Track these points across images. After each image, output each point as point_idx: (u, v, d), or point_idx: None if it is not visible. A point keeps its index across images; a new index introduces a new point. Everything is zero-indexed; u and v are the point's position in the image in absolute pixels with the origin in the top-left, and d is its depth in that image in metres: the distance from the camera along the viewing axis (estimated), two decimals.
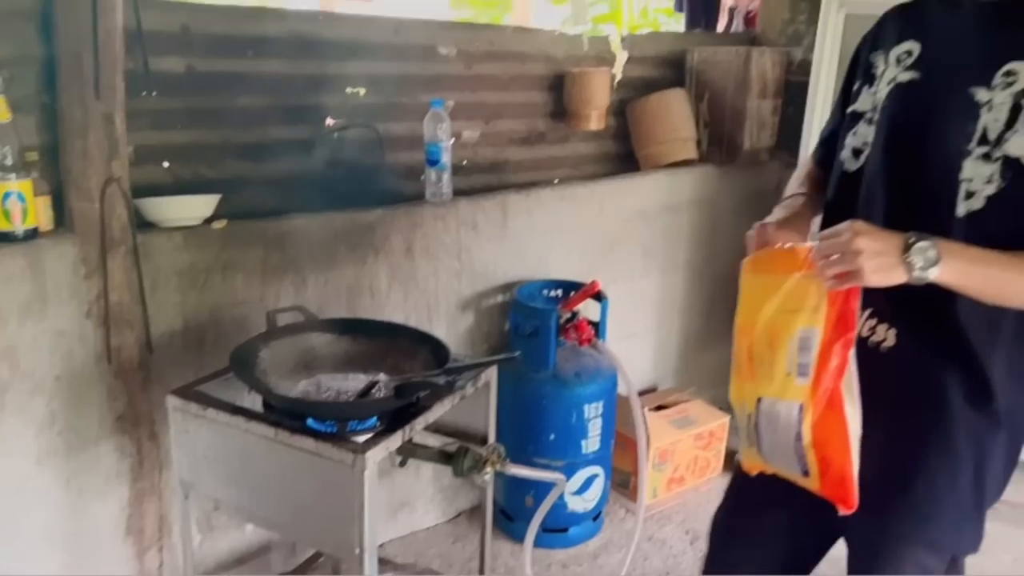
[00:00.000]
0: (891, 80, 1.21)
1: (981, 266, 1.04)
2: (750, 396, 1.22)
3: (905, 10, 1.28)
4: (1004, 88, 1.07)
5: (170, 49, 1.87)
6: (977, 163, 1.08)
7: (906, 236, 1.02)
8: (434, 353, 1.64)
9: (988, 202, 1.07)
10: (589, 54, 2.69)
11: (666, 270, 2.87)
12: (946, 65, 1.15)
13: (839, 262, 1.03)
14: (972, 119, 1.09)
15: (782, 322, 1.16)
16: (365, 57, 2.20)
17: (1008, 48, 1.08)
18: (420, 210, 2.19)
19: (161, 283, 1.81)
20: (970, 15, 1.15)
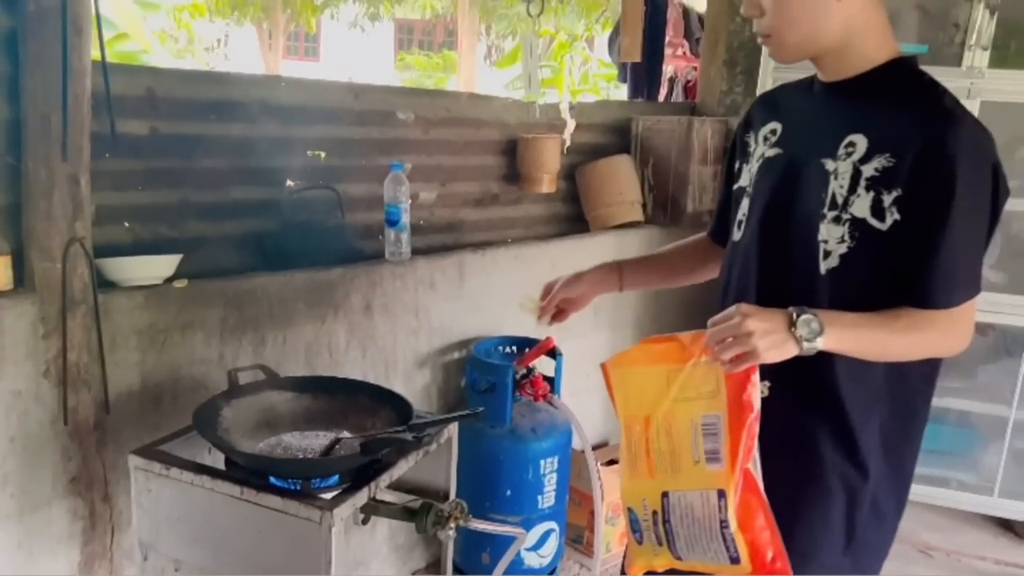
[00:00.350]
0: (760, 156, 1.36)
1: (858, 330, 1.15)
2: (652, 493, 1.22)
3: (770, 96, 1.47)
4: (846, 158, 1.21)
5: (135, 112, 1.90)
6: (830, 225, 1.21)
7: (788, 312, 1.11)
8: (397, 410, 1.67)
9: (842, 260, 1.20)
10: (540, 121, 2.81)
11: (615, 327, 2.96)
12: (802, 141, 1.31)
13: (734, 345, 1.10)
14: (824, 186, 1.23)
15: (680, 412, 1.18)
16: (326, 121, 2.26)
17: (847, 122, 1.23)
18: (379, 269, 2.24)
19: (120, 342, 1.81)
20: (818, 96, 1.31)
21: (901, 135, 1.17)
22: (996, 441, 2.83)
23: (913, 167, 1.15)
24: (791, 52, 1.26)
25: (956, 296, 1.18)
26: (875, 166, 1.18)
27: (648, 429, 1.22)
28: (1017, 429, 2.80)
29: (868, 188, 1.18)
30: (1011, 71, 2.61)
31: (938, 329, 1.19)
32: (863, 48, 1.23)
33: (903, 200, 1.15)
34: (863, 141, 1.20)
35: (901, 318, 1.17)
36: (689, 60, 4.13)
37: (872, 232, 1.18)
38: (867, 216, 1.18)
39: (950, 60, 2.64)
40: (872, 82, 1.23)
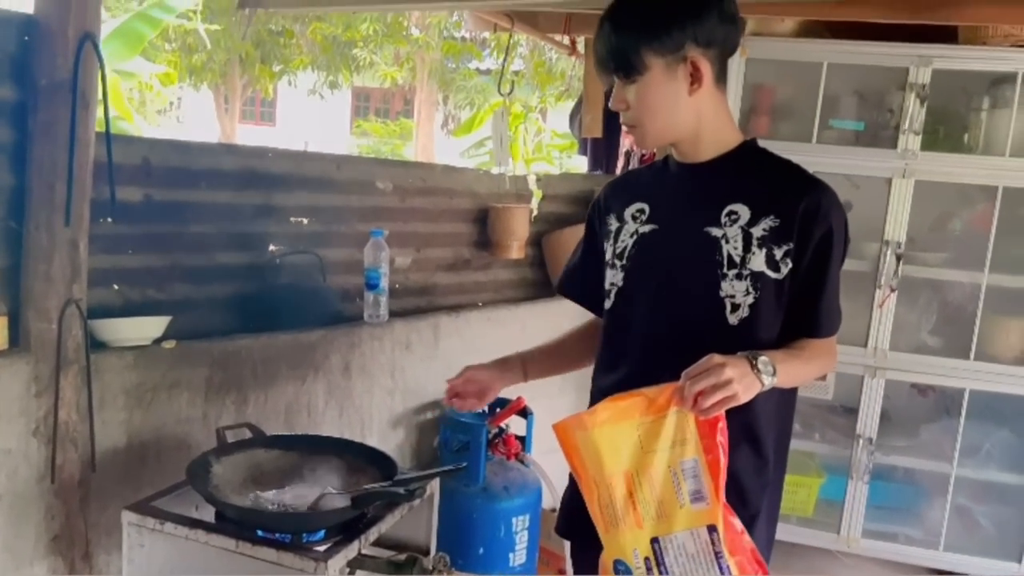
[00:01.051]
0: (633, 233, 1.51)
1: (789, 363, 1.33)
2: (642, 542, 1.30)
3: (621, 182, 1.69)
4: (731, 224, 1.40)
5: (130, 180, 1.98)
6: (733, 282, 1.39)
7: (747, 356, 1.27)
8: (381, 467, 1.74)
9: (752, 309, 1.38)
10: (510, 191, 2.96)
11: (580, 389, 3.04)
12: (676, 215, 1.48)
13: (717, 392, 1.22)
14: (716, 250, 1.40)
15: (658, 462, 1.28)
16: (309, 189, 2.37)
17: (723, 195, 1.42)
18: (358, 331, 2.33)
19: (109, 401, 1.85)
20: (679, 176, 1.50)
21: (781, 199, 1.39)
22: (940, 496, 2.98)
23: (800, 224, 1.37)
24: (653, 139, 1.45)
25: (837, 325, 1.45)
26: (763, 227, 1.38)
27: (630, 484, 1.29)
28: (959, 485, 2.96)
29: (760, 246, 1.38)
30: (940, 154, 2.86)
31: (827, 353, 1.45)
32: (716, 135, 1.44)
33: (795, 251, 1.37)
34: (744, 208, 1.40)
35: (805, 348, 1.40)
36: None
37: (771, 281, 1.38)
38: (764, 269, 1.38)
39: (886, 143, 2.87)
40: (732, 161, 1.44)
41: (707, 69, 1.38)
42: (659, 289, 1.47)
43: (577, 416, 1.36)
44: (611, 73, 1.43)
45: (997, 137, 2.80)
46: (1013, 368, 2.89)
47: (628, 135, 4.30)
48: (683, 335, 1.41)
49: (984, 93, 2.83)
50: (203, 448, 1.81)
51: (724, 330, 1.39)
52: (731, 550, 1.27)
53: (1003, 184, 2.80)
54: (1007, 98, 2.74)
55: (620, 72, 1.41)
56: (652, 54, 1.37)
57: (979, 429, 2.95)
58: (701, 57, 1.37)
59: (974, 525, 3.01)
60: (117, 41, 3.79)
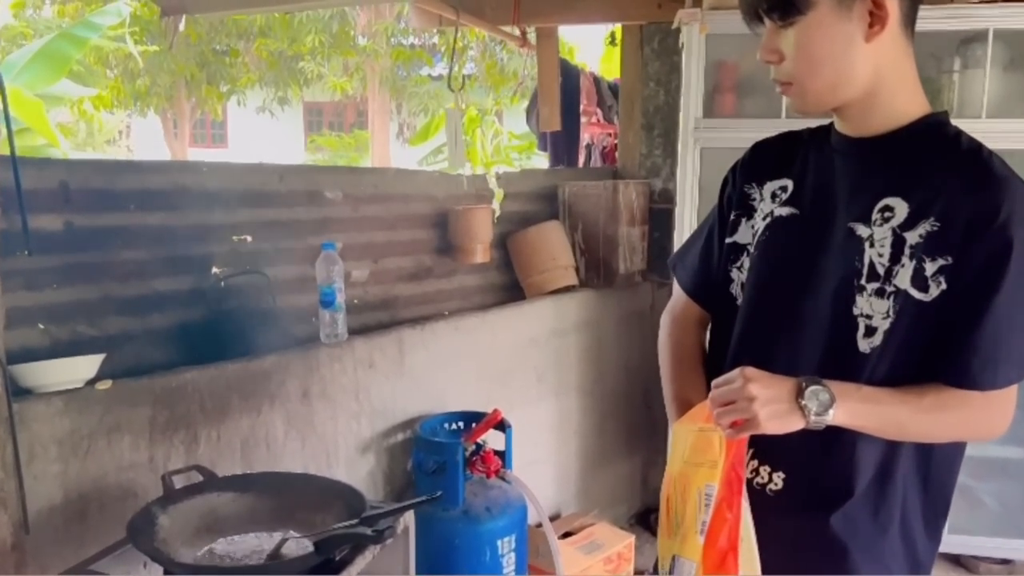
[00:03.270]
0: (768, 215, 1.23)
1: (875, 405, 1.05)
2: (666, 553, 1.18)
3: (772, 146, 1.31)
4: (883, 223, 1.10)
5: (47, 207, 1.80)
6: (873, 299, 1.10)
7: (798, 380, 1.03)
8: (348, 503, 1.57)
9: (885, 337, 1.09)
10: (469, 192, 2.81)
11: (559, 393, 2.92)
12: (822, 202, 1.18)
13: (734, 410, 1.03)
14: (858, 255, 1.11)
15: (690, 476, 1.14)
16: (251, 204, 2.20)
17: (881, 185, 1.13)
18: (315, 353, 2.16)
19: (39, 453, 1.67)
20: (840, 153, 1.19)
21: (948, 200, 1.08)
22: None
23: (964, 234, 1.05)
24: (815, 100, 1.14)
25: (999, 376, 1.08)
26: (919, 232, 1.08)
27: (670, 487, 1.18)
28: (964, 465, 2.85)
29: (912, 256, 1.08)
30: None
31: (971, 409, 1.09)
32: (893, 101, 1.12)
33: (952, 269, 1.06)
34: (903, 205, 1.10)
35: (927, 395, 1.07)
36: (603, 127, 4.24)
37: (913, 304, 1.08)
38: (908, 287, 1.08)
39: None
40: (906, 140, 1.13)
41: (893, 6, 1.08)
42: (780, 293, 1.19)
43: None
44: (760, 15, 1.13)
45: (971, 98, 2.69)
46: None
47: (589, 127, 4.21)
48: (801, 358, 1.12)
49: (954, 54, 2.73)
50: (152, 496, 1.64)
51: (851, 357, 1.10)
52: None
53: None
54: (978, 57, 2.65)
55: (775, 11, 1.10)
56: None
57: None
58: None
59: (978, 504, 2.91)
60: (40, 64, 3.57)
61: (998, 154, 1.12)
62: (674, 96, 3.09)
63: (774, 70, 1.16)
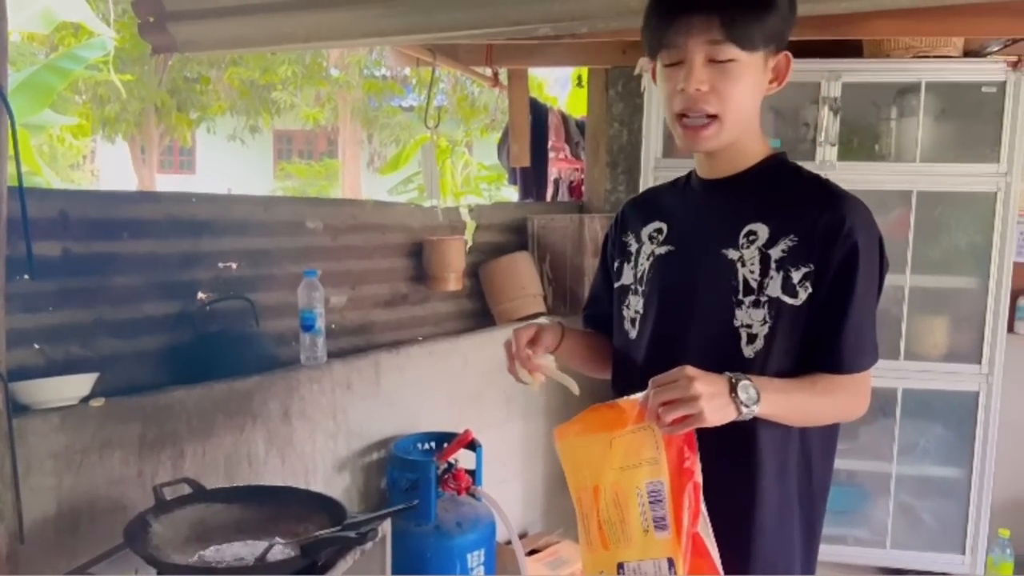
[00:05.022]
0: (650, 255, 1.41)
1: (785, 394, 1.20)
2: (608, 565, 1.21)
3: (642, 199, 1.55)
4: (749, 246, 1.28)
5: (47, 234, 1.90)
6: (750, 310, 1.26)
7: (728, 377, 1.14)
8: (330, 513, 1.68)
9: (766, 340, 1.26)
10: (443, 223, 2.95)
11: (527, 416, 3.06)
12: (694, 236, 1.36)
13: (680, 407, 1.10)
14: (732, 274, 1.28)
15: (625, 480, 1.17)
16: (236, 233, 2.31)
17: (743, 214, 1.30)
18: (296, 374, 2.27)
19: (35, 467, 1.75)
20: (701, 194, 1.39)
21: (802, 218, 1.26)
22: (883, 496, 3.05)
23: (821, 244, 1.23)
24: (727, 136, 1.27)
25: (864, 361, 1.27)
26: (781, 248, 1.25)
27: (598, 500, 1.21)
28: (900, 483, 3.04)
29: (778, 269, 1.26)
30: (856, 163, 2.98)
31: (847, 393, 1.27)
32: (751, 142, 1.32)
33: (814, 274, 1.24)
34: (764, 228, 1.27)
35: (818, 383, 1.24)
36: (571, 162, 4.40)
37: (787, 309, 1.25)
38: (780, 295, 1.25)
39: (805, 155, 2.96)
40: (758, 176, 1.32)
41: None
42: (673, 318, 1.35)
43: (564, 424, 1.32)
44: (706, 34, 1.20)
45: (907, 144, 2.92)
46: (940, 364, 2.99)
47: (557, 162, 4.38)
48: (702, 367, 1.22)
49: (892, 103, 2.96)
50: (140, 509, 1.73)
51: (739, 364, 1.25)
52: None
53: (917, 188, 2.92)
54: (913, 106, 2.88)
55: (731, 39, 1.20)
56: (765, 35, 1.23)
57: (914, 426, 3.03)
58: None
59: (917, 521, 3.08)
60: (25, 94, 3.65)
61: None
62: (637, 135, 3.28)
63: (693, 100, 1.23)
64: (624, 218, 1.52)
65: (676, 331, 1.35)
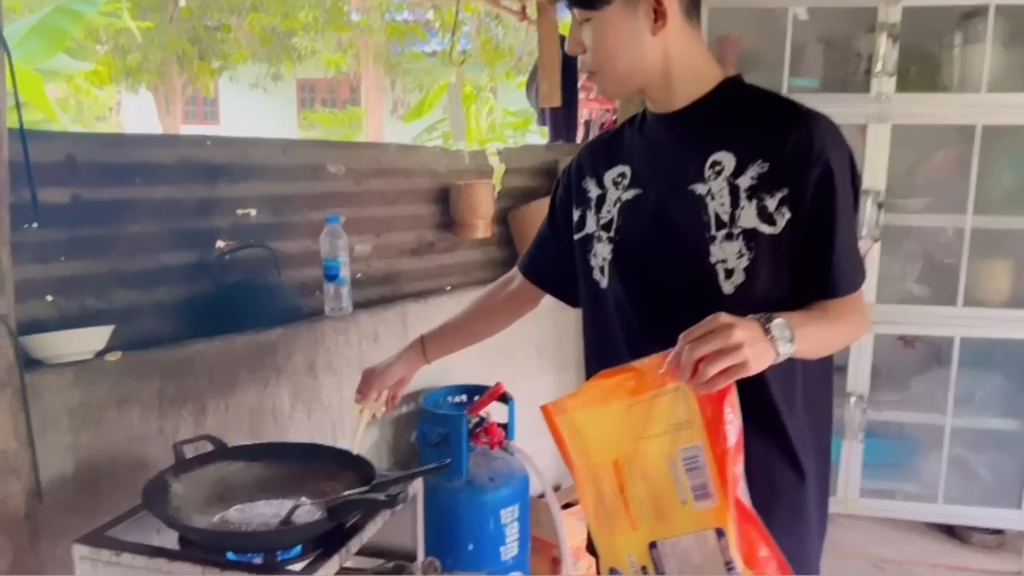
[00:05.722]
0: (616, 200, 1.35)
1: (811, 327, 1.13)
2: (638, 547, 1.11)
3: (599, 144, 1.48)
4: (716, 177, 1.23)
5: (54, 180, 1.81)
6: (724, 244, 1.21)
7: (758, 319, 1.06)
8: (357, 471, 1.59)
9: (747, 273, 1.21)
10: (470, 168, 2.81)
11: (559, 369, 2.95)
12: (659, 175, 1.30)
13: (723, 358, 1.00)
14: (702, 210, 1.23)
15: (653, 450, 1.07)
16: (255, 178, 2.20)
17: (704, 145, 1.25)
18: (321, 326, 2.17)
19: (51, 424, 1.69)
20: (657, 130, 1.33)
21: (769, 141, 1.21)
22: (936, 449, 2.91)
23: (793, 165, 1.18)
24: (615, 87, 1.30)
25: (859, 278, 1.25)
26: (751, 175, 1.20)
27: (620, 476, 1.10)
28: (954, 435, 2.89)
29: (750, 198, 1.20)
30: (916, 95, 2.75)
31: (855, 314, 1.24)
32: (690, 76, 1.27)
33: (791, 198, 1.19)
34: (729, 157, 1.22)
35: (828, 309, 1.19)
36: (602, 103, 4.23)
37: (765, 238, 1.20)
38: (756, 224, 1.20)
39: (857, 87, 2.77)
40: (712, 104, 1.27)
41: (673, 4, 1.22)
42: (648, 262, 1.30)
43: (561, 398, 1.20)
44: (569, 7, 1.28)
45: (972, 74, 2.70)
46: (1002, 311, 2.79)
47: (588, 103, 4.20)
48: (677, 312, 1.16)
49: (955, 29, 2.73)
50: (161, 466, 1.66)
51: (718, 301, 1.19)
52: (747, 561, 1.04)
53: (981, 122, 2.69)
54: (979, 32, 2.64)
55: (575, 5, 1.26)
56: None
57: (971, 377, 2.86)
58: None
59: (972, 475, 2.95)
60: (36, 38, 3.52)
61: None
62: None
63: (580, 60, 1.30)
64: (581, 164, 1.46)
65: (650, 275, 1.31)
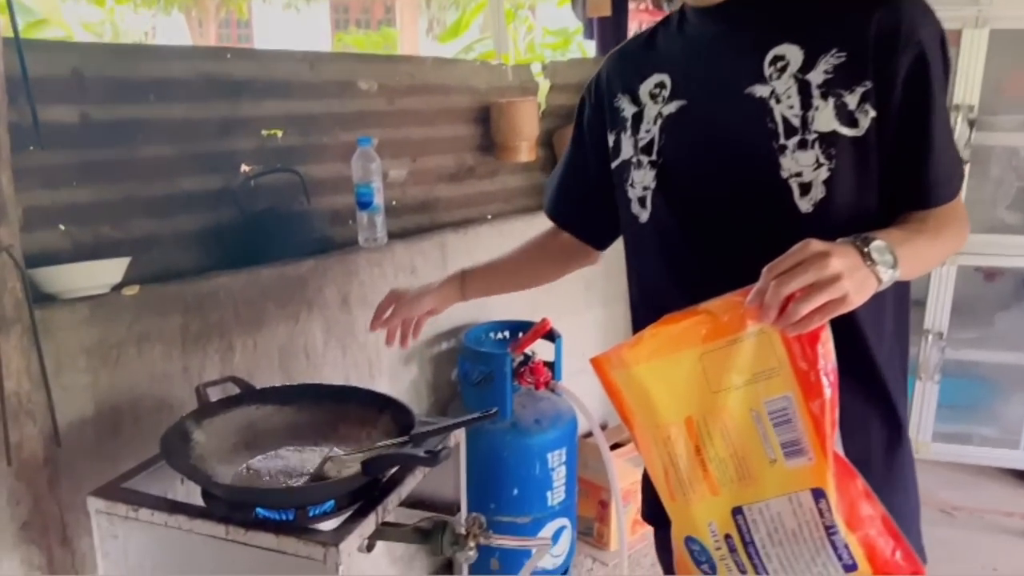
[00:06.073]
0: (656, 116, 1.14)
1: (913, 247, 0.95)
2: (720, 513, 0.98)
3: (629, 51, 1.25)
4: (780, 75, 1.02)
5: (60, 97, 1.65)
6: (797, 154, 1.01)
7: (852, 242, 0.89)
8: (396, 418, 1.45)
9: (828, 186, 1.01)
10: (513, 84, 2.59)
11: (607, 302, 2.78)
12: (708, 80, 1.09)
13: (818, 293, 0.84)
14: (765, 115, 1.03)
15: (734, 403, 0.93)
16: (280, 96, 2.02)
17: (762, 38, 1.04)
18: (354, 257, 2.02)
19: (66, 364, 1.57)
20: (704, 27, 1.12)
21: (844, 25, 1.00)
22: (1018, 391, 2.70)
23: (876, 53, 0.98)
24: None
25: (957, 183, 1.07)
26: (823, 69, 1.00)
27: (695, 435, 0.97)
28: None
29: (825, 96, 1.00)
30: None
31: (957, 222, 1.06)
32: None
33: (875, 92, 0.98)
34: (794, 50, 1.02)
35: (927, 221, 1.02)
36: (653, 13, 3.94)
37: (847, 143, 1.00)
38: (836, 127, 1.00)
39: None
40: None
41: None
42: (700, 186, 1.10)
43: (616, 349, 1.02)
44: None
45: None
46: None
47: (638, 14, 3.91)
48: (742, 244, 1.02)
49: None
50: (187, 408, 1.54)
51: (794, 224, 1.01)
52: (849, 523, 0.91)
53: None
54: None
55: None
56: None
57: None
58: None
59: None
60: None
61: None
62: None
63: None
64: (610, 78, 1.25)
65: (704, 202, 1.10)
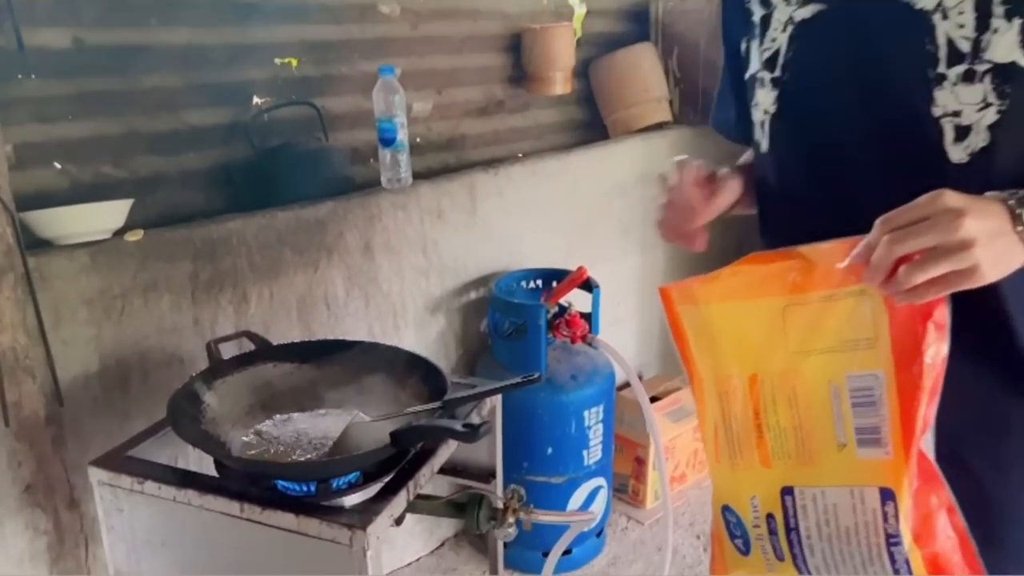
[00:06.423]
0: (786, 21, 0.93)
1: None
2: (766, 488, 0.86)
3: None
4: None
5: (50, 19, 1.48)
6: (959, 88, 0.80)
7: (1002, 199, 0.72)
8: (428, 380, 1.31)
9: (991, 132, 0.79)
10: (547, 9, 2.39)
11: (646, 248, 2.61)
12: None
13: (939, 260, 0.69)
14: (925, 34, 0.81)
15: (812, 369, 0.81)
16: (293, 19, 1.84)
17: None
18: (376, 199, 1.86)
19: (66, 316, 1.44)
20: None
21: None
22: None
23: None
24: None
25: None
26: None
27: (757, 397, 0.85)
28: None
29: (1009, 15, 0.77)
30: None
31: None
32: None
33: None
34: None
35: None
36: None
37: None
38: (1018, 57, 0.77)
39: None
40: None
41: None
42: (830, 115, 0.90)
43: (688, 281, 0.90)
44: None
45: None
46: None
47: None
48: (872, 191, 0.83)
49: None
50: (199, 363, 1.41)
51: (940, 174, 0.79)
52: (918, 536, 0.78)
53: None
54: None
55: None
56: None
57: None
58: None
59: None
60: None
61: None
62: None
63: None
64: None
65: (833, 135, 0.90)
